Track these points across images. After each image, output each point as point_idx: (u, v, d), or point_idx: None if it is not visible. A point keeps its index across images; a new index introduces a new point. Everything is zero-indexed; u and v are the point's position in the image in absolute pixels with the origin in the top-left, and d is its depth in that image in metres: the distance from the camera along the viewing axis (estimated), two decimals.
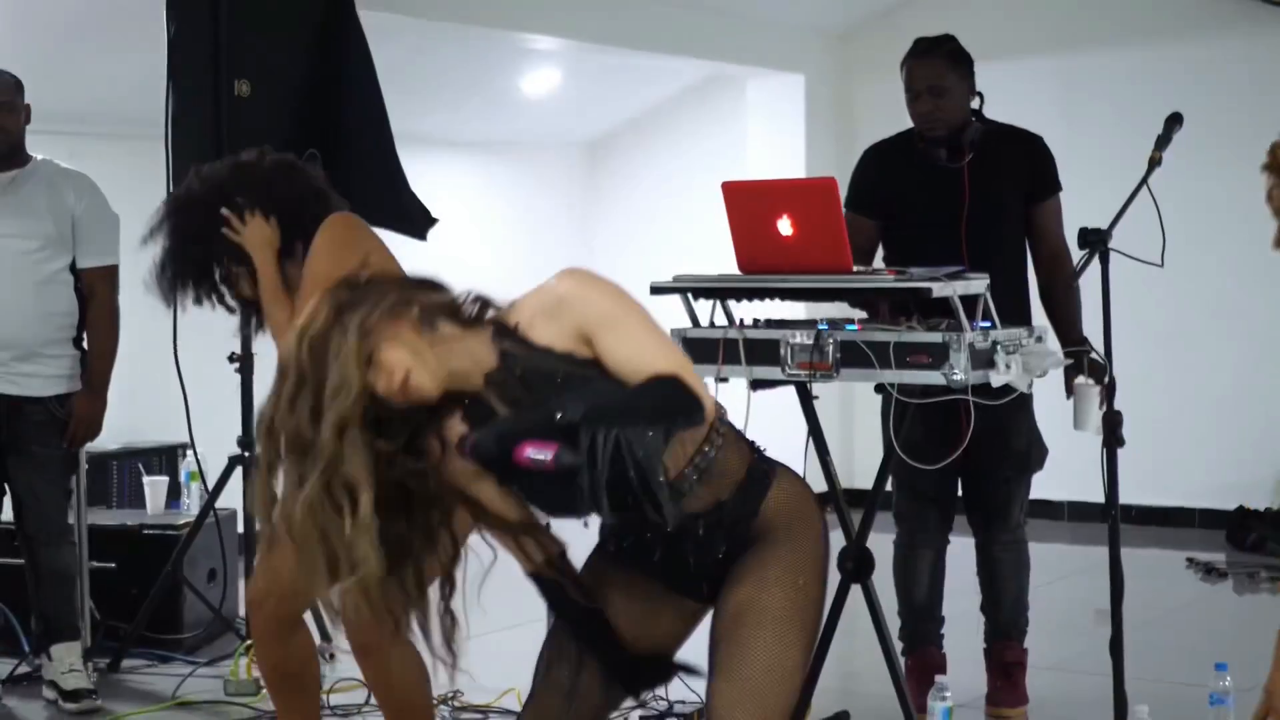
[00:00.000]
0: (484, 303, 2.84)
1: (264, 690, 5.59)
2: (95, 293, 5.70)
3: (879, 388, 4.88)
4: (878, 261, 5.30)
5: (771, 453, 3.10)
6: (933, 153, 5.23)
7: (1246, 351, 8.74)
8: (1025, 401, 5.10)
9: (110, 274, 5.73)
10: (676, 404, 2.72)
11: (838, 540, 4.85)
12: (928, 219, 5.20)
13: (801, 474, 4.47)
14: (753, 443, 3.05)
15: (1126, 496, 4.67)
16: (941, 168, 5.22)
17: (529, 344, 2.79)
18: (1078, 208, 6.39)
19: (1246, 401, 8.77)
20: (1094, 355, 4.93)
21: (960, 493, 5.39)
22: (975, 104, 5.28)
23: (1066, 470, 6.58)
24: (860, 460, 8.76)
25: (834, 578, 4.80)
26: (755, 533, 2.95)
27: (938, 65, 5.20)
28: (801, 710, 4.91)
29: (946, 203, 5.18)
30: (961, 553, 5.50)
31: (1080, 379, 4.93)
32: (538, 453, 2.59)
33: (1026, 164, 5.28)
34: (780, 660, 2.87)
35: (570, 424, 2.60)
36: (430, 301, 2.78)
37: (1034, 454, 5.34)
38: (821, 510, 3.05)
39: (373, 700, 5.25)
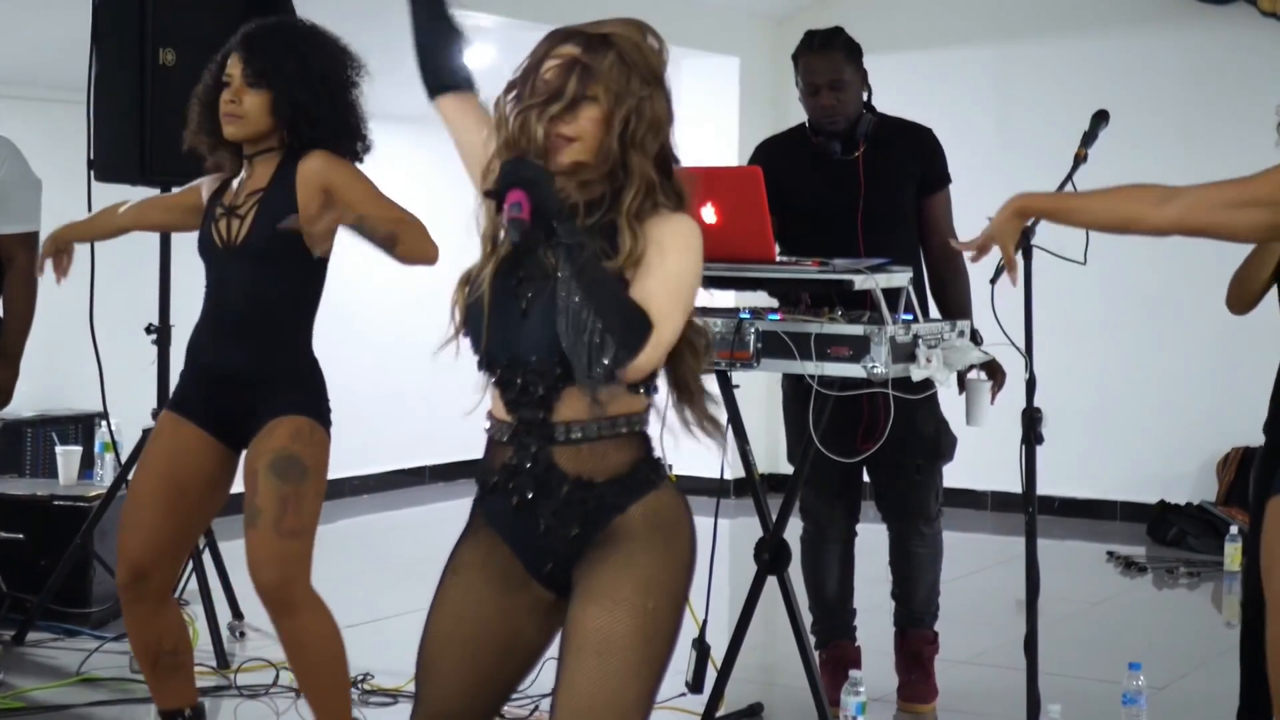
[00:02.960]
0: None
1: None
2: (14, 259, 5.58)
3: (784, 379, 4.83)
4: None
5: (691, 441, 3.03)
6: (827, 146, 5.20)
7: (1170, 346, 8.77)
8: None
9: (30, 240, 5.61)
10: (628, 325, 2.78)
11: (753, 531, 4.84)
12: (824, 212, 5.18)
13: (721, 461, 4.48)
14: (654, 451, 3.00)
15: (1049, 488, 4.66)
16: (836, 160, 5.20)
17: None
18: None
19: (1169, 396, 8.81)
20: (991, 353, 4.91)
21: (869, 484, 5.37)
22: (865, 96, 5.26)
23: (990, 460, 6.57)
24: (785, 448, 8.74)
25: (750, 569, 4.81)
26: (616, 530, 2.90)
27: (836, 59, 5.17)
28: (715, 702, 4.90)
29: (842, 195, 5.16)
30: (875, 541, 5.49)
31: (972, 374, 4.92)
32: (521, 203, 2.83)
33: (919, 156, 5.26)
34: (622, 695, 2.82)
35: (557, 232, 2.81)
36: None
37: (943, 441, 5.30)
38: (693, 531, 2.99)
39: (281, 680, 5.20)
